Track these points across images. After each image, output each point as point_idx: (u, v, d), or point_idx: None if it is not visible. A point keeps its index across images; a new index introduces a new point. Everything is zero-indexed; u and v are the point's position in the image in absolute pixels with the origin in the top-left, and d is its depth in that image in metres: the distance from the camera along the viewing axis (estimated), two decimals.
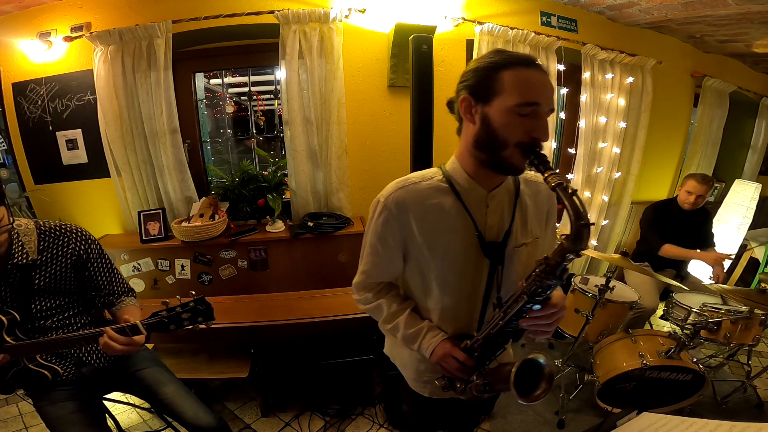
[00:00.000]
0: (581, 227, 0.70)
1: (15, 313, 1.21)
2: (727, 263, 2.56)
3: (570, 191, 0.71)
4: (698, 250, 2.56)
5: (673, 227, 2.59)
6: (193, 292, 1.10)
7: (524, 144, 0.79)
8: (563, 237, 0.74)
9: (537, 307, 0.82)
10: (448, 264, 0.93)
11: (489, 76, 0.81)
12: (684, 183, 2.58)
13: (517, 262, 0.96)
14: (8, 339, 1.19)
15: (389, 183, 0.98)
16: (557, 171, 0.75)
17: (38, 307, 1.26)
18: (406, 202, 0.91)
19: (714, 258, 2.49)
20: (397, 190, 0.93)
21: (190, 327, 1.09)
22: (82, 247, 1.31)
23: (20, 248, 1.21)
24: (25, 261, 1.21)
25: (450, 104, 0.95)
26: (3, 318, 1.18)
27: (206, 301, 1.10)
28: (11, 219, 1.20)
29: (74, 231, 1.32)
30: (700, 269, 2.89)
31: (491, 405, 1.31)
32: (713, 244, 2.72)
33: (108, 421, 1.48)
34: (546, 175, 0.75)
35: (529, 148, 0.79)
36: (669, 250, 2.55)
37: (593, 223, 0.73)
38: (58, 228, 1.29)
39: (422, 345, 0.99)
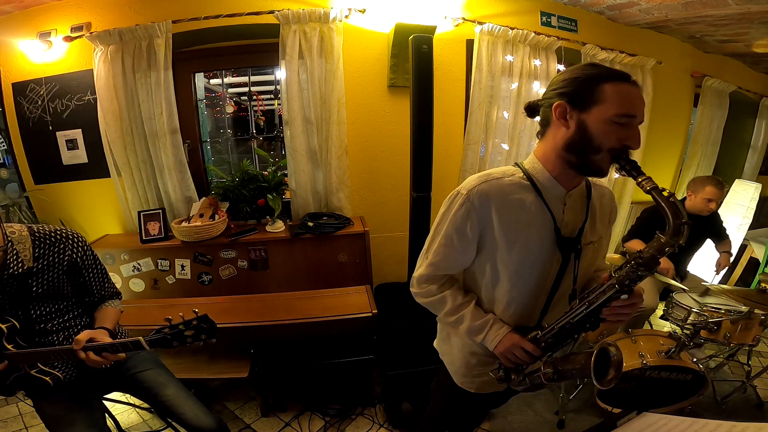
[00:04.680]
0: (679, 225, 0.79)
1: (14, 321, 1.19)
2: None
3: (666, 194, 0.80)
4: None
5: None
6: (196, 310, 1.10)
7: (616, 150, 0.86)
8: (659, 233, 0.82)
9: (624, 296, 0.88)
10: (525, 256, 0.98)
11: (590, 86, 0.86)
12: (698, 189, 2.43)
13: (584, 258, 1.02)
14: (8, 347, 1.18)
15: (471, 176, 1.02)
16: (650, 177, 0.83)
17: (37, 312, 1.25)
18: (490, 196, 0.95)
19: (663, 265, 2.36)
20: (480, 184, 0.96)
21: (193, 344, 1.09)
22: (79, 253, 1.30)
23: (15, 257, 1.19)
24: (21, 270, 1.19)
25: (531, 108, 1.01)
26: (2, 326, 1.17)
27: (209, 318, 1.10)
28: (5, 234, 1.18)
29: (70, 236, 1.30)
30: (700, 269, 2.89)
31: (505, 399, 1.34)
32: (726, 237, 2.70)
33: (108, 421, 1.49)
34: (640, 180, 0.83)
35: (620, 155, 0.86)
36: (633, 245, 2.52)
37: (691, 222, 0.79)
38: (53, 234, 1.26)
39: (488, 336, 1.03)
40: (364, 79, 2.56)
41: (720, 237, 2.69)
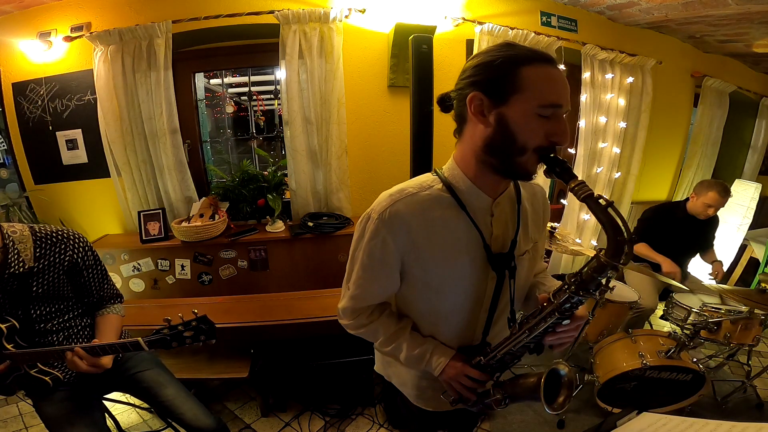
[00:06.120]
0: (621, 242, 0.67)
1: (14, 321, 1.19)
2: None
3: (604, 204, 0.67)
4: (663, 256, 2.44)
5: (676, 232, 2.55)
6: (196, 311, 1.09)
7: (543, 148, 0.74)
8: (599, 250, 0.70)
9: (566, 321, 0.81)
10: (455, 280, 0.88)
11: (506, 72, 0.72)
12: (701, 193, 2.42)
13: (521, 270, 0.92)
14: (8, 346, 1.18)
15: (383, 192, 0.87)
16: (583, 181, 0.70)
17: (37, 312, 1.25)
18: (405, 217, 0.82)
19: (667, 268, 2.38)
20: (393, 204, 0.82)
21: (192, 344, 1.09)
22: (80, 254, 1.30)
23: (16, 257, 1.18)
24: (22, 270, 1.19)
25: (444, 101, 0.85)
26: (2, 326, 1.17)
27: (209, 319, 1.09)
28: (4, 234, 1.18)
29: (72, 237, 1.29)
30: (700, 269, 2.89)
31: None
32: (712, 246, 2.70)
33: (108, 421, 1.49)
34: (573, 185, 0.70)
35: (548, 153, 0.74)
36: (640, 249, 2.50)
37: (634, 237, 0.68)
38: (55, 234, 1.26)
39: (430, 365, 0.94)
40: (364, 79, 2.56)
41: (707, 246, 2.68)
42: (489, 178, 0.82)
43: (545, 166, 0.75)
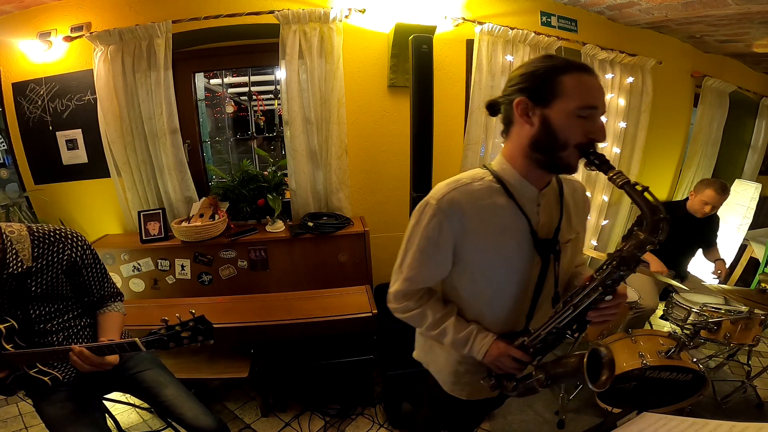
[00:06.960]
0: (657, 221, 0.76)
1: (13, 321, 1.19)
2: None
3: (640, 189, 0.77)
4: (652, 255, 2.47)
5: (676, 231, 2.54)
6: (193, 311, 1.09)
7: (583, 144, 0.84)
8: (637, 229, 0.80)
9: (609, 297, 0.87)
10: (503, 263, 0.95)
11: (548, 79, 0.84)
12: (699, 190, 2.45)
13: (564, 257, 0.99)
14: (7, 347, 1.18)
15: (438, 183, 0.97)
16: (620, 171, 0.80)
17: (36, 312, 1.25)
18: (461, 203, 0.91)
19: (654, 267, 2.43)
20: (450, 191, 0.92)
21: (189, 345, 1.09)
22: (78, 253, 1.29)
23: (14, 256, 1.18)
24: (20, 270, 1.19)
25: (492, 107, 0.97)
26: (1, 327, 1.16)
27: (206, 320, 1.09)
28: (3, 234, 1.18)
29: (70, 236, 1.29)
30: (699, 269, 2.89)
31: (501, 401, 1.33)
32: (715, 244, 2.71)
33: (108, 421, 1.49)
34: (611, 175, 0.80)
35: (588, 149, 0.84)
36: (645, 257, 2.50)
37: (669, 216, 0.76)
38: (53, 233, 1.26)
39: (474, 347, 1.00)
40: (364, 79, 2.56)
41: (709, 244, 2.69)
42: (535, 172, 0.93)
43: (585, 161, 0.86)
